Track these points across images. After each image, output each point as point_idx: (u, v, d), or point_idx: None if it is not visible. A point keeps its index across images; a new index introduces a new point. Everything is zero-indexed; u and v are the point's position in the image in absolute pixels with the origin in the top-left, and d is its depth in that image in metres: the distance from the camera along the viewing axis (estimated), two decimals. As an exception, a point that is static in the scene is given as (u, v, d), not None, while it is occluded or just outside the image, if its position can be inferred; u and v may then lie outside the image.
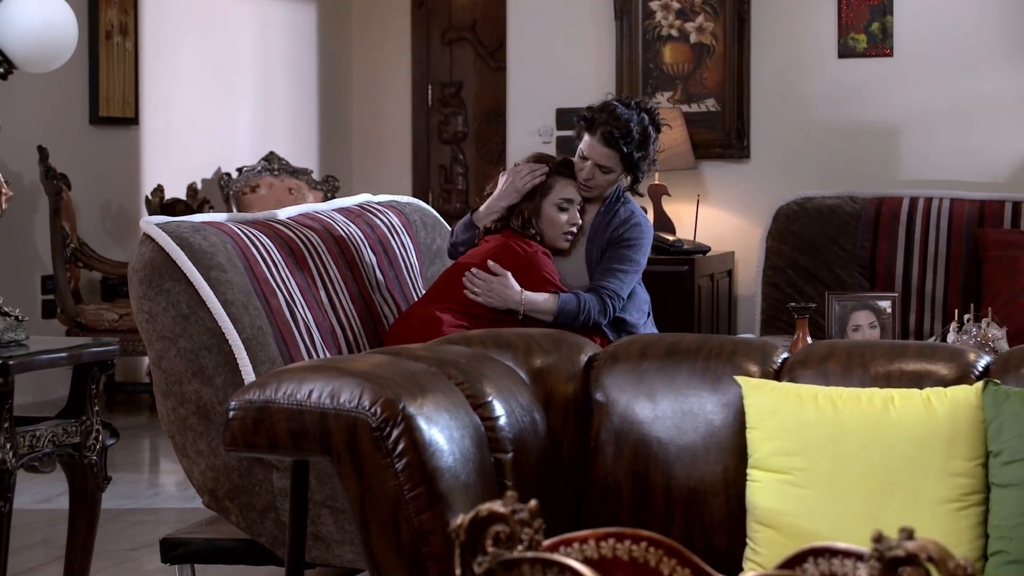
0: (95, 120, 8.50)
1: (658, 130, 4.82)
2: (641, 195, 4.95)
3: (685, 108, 7.06)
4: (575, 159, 4.79)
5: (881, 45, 6.89)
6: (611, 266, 4.66)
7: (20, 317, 3.97)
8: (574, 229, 4.63)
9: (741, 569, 3.01)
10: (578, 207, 4.65)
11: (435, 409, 2.91)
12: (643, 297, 4.84)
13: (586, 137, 4.74)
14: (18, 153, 7.82)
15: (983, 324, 4.51)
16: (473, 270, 4.48)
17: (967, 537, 2.90)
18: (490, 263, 4.49)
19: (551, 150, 7.22)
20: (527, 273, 4.49)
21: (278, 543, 3.81)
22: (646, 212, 6.92)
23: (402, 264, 4.68)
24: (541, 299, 4.51)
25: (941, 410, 2.95)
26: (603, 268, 4.67)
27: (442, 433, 2.88)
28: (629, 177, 4.81)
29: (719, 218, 7.11)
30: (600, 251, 4.69)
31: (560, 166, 4.68)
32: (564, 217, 4.61)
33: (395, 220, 4.77)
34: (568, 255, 4.69)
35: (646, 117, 4.79)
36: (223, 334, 3.84)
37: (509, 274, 4.48)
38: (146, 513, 5.89)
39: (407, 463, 2.83)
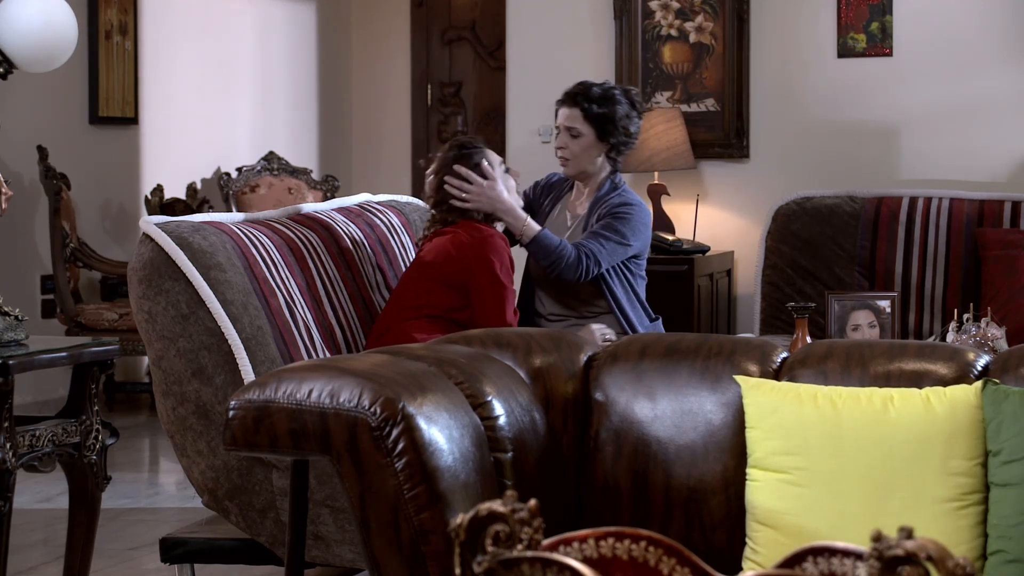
0: (95, 120, 8.50)
1: (633, 105, 4.93)
2: (617, 168, 4.95)
3: (685, 108, 7.06)
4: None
5: (880, 45, 6.89)
6: (595, 230, 4.77)
7: (20, 317, 3.98)
8: (518, 177, 4.72)
9: (740, 568, 3.01)
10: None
11: (435, 408, 2.91)
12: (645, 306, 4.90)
13: (558, 111, 4.97)
14: (18, 153, 7.82)
15: (982, 324, 4.51)
16: (461, 169, 4.55)
17: (966, 536, 2.90)
18: (484, 165, 4.58)
19: (551, 149, 7.21)
20: (482, 251, 4.48)
21: (278, 543, 3.81)
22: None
23: (402, 264, 4.68)
24: (523, 216, 4.61)
25: (940, 409, 2.95)
26: (588, 232, 4.76)
27: (442, 432, 2.89)
28: (604, 144, 4.87)
29: (718, 218, 7.12)
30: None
31: (474, 145, 4.68)
32: (510, 178, 4.68)
33: (395, 220, 4.78)
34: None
35: (615, 89, 4.92)
36: (223, 334, 3.85)
37: (499, 180, 4.57)
38: (146, 513, 5.90)
39: (407, 462, 2.83)
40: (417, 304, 4.38)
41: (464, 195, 4.53)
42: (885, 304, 4.93)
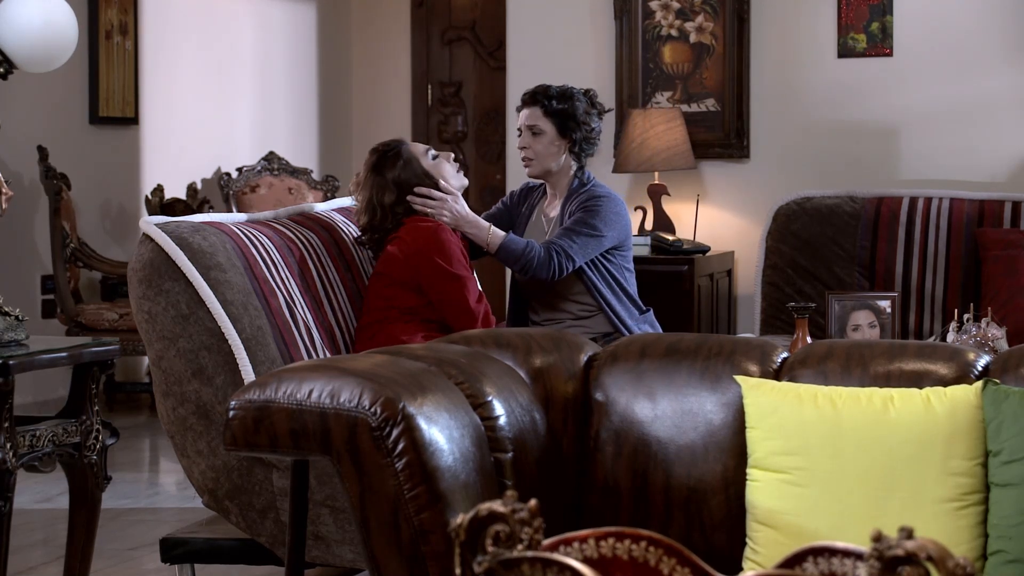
0: (95, 120, 8.50)
1: (592, 103, 4.98)
2: (583, 165, 4.97)
3: (685, 108, 7.06)
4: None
5: (881, 45, 6.89)
6: (566, 227, 4.78)
7: (20, 317, 3.98)
8: (456, 163, 4.71)
9: (741, 568, 3.01)
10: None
11: (435, 408, 2.91)
12: (634, 290, 4.92)
13: (519, 116, 5.00)
14: (18, 153, 7.82)
15: (982, 324, 4.51)
16: (421, 189, 4.54)
17: (966, 536, 2.90)
18: (442, 183, 4.58)
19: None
20: (426, 253, 4.47)
21: (278, 543, 3.81)
22: (646, 213, 6.94)
23: (402, 264, 4.68)
24: (487, 225, 4.62)
25: (940, 410, 2.95)
26: (560, 230, 4.78)
27: (442, 432, 2.89)
28: (565, 141, 4.89)
29: (719, 218, 7.11)
30: None
31: (391, 144, 4.66)
32: (443, 163, 4.65)
33: (395, 220, 4.77)
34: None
35: (573, 88, 4.99)
36: (223, 334, 3.85)
37: (459, 194, 4.61)
38: (146, 513, 5.90)
39: (407, 462, 2.83)
40: (389, 306, 4.39)
41: (428, 211, 4.53)
42: (885, 304, 4.93)
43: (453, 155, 4.75)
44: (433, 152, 4.65)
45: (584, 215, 4.80)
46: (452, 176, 4.64)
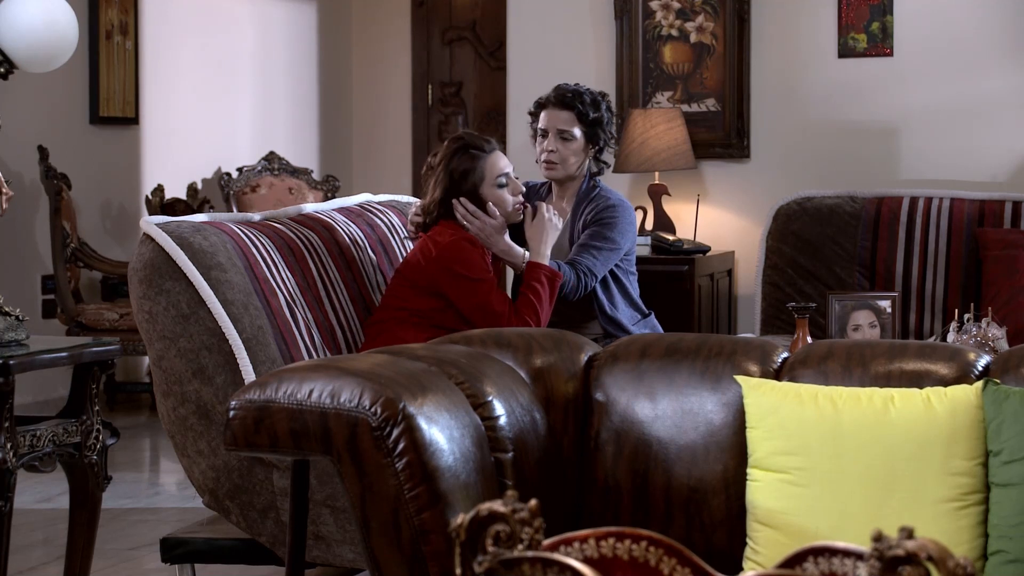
0: (95, 120, 8.50)
1: (611, 111, 4.93)
2: (607, 165, 4.97)
3: (685, 108, 7.06)
4: (537, 146, 4.87)
5: (881, 45, 6.89)
6: (587, 242, 4.74)
7: (20, 317, 3.98)
8: (521, 198, 4.57)
9: (741, 568, 3.01)
10: (514, 176, 4.57)
11: (435, 408, 2.91)
12: (635, 292, 4.90)
13: (542, 114, 4.87)
14: (18, 153, 7.82)
15: (983, 324, 4.51)
16: (469, 205, 4.45)
17: (967, 536, 2.90)
18: (490, 206, 4.47)
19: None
20: (446, 264, 4.43)
21: (278, 543, 3.81)
22: (646, 213, 6.94)
23: (402, 264, 4.68)
24: (521, 253, 4.53)
25: (941, 409, 2.95)
26: (579, 245, 4.74)
27: (442, 432, 2.89)
28: (591, 148, 4.86)
29: (719, 218, 7.11)
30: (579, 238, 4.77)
31: (478, 145, 4.53)
32: (508, 193, 4.54)
33: (395, 220, 4.78)
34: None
35: (596, 94, 4.94)
36: (223, 334, 3.85)
37: (503, 221, 4.48)
38: (146, 513, 5.90)
39: (407, 462, 2.83)
40: (402, 307, 4.38)
41: (467, 225, 4.47)
42: (886, 304, 4.93)
43: (524, 190, 4.61)
44: (504, 179, 4.50)
45: (602, 229, 4.76)
46: (505, 208, 4.53)
